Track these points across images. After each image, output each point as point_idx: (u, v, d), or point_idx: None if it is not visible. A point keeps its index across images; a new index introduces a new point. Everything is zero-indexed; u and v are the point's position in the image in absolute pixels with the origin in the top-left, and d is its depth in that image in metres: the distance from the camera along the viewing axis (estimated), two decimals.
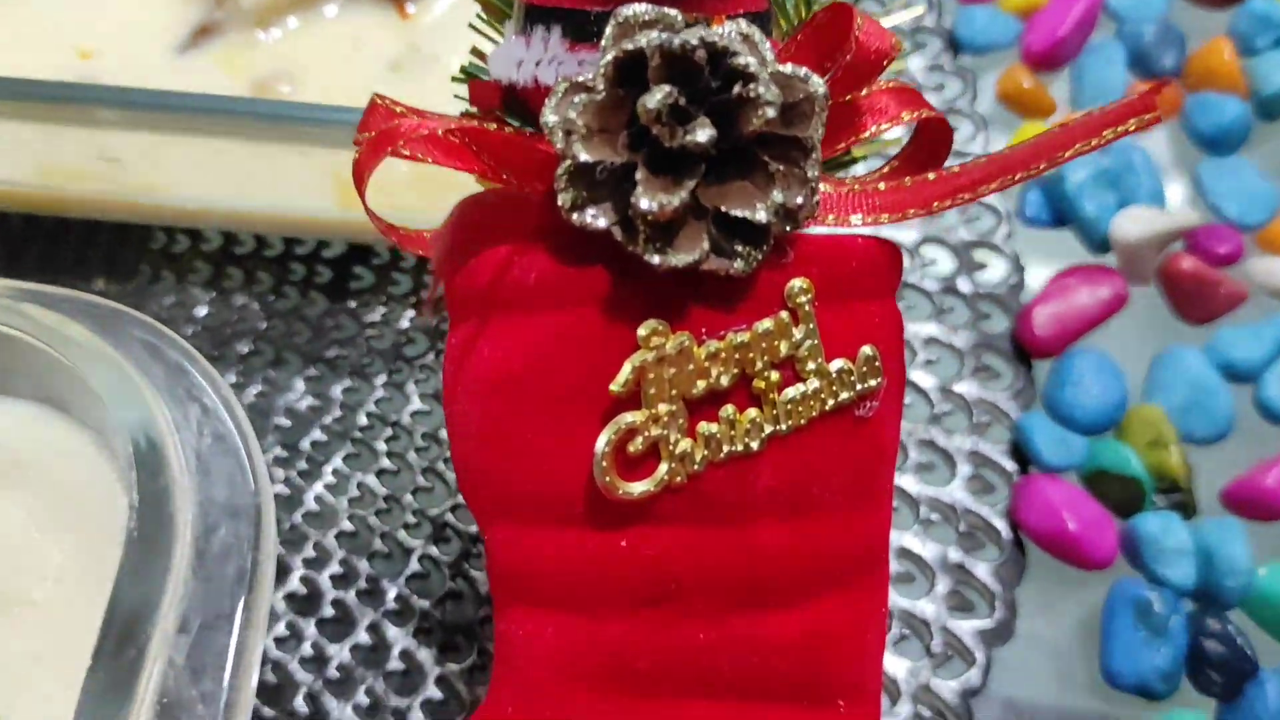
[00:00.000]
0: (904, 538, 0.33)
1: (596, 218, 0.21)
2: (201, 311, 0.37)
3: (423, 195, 0.29)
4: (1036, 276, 0.37)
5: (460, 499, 0.33)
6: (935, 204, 0.22)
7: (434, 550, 0.33)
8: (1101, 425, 0.34)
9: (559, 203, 0.21)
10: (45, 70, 0.34)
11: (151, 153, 0.32)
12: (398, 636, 0.31)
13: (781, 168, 0.22)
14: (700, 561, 0.21)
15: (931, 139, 0.25)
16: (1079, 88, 0.42)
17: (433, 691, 0.30)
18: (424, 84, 0.27)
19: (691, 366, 0.21)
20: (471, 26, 0.28)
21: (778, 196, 0.21)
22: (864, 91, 0.24)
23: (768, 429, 0.22)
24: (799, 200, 0.21)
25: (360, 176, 0.23)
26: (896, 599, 0.32)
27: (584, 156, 0.21)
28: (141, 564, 0.23)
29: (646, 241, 0.21)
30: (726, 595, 0.22)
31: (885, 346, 0.23)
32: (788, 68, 0.22)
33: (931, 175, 0.23)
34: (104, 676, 0.21)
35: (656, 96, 0.21)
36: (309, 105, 0.31)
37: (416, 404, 0.35)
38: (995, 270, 0.37)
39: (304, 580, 0.32)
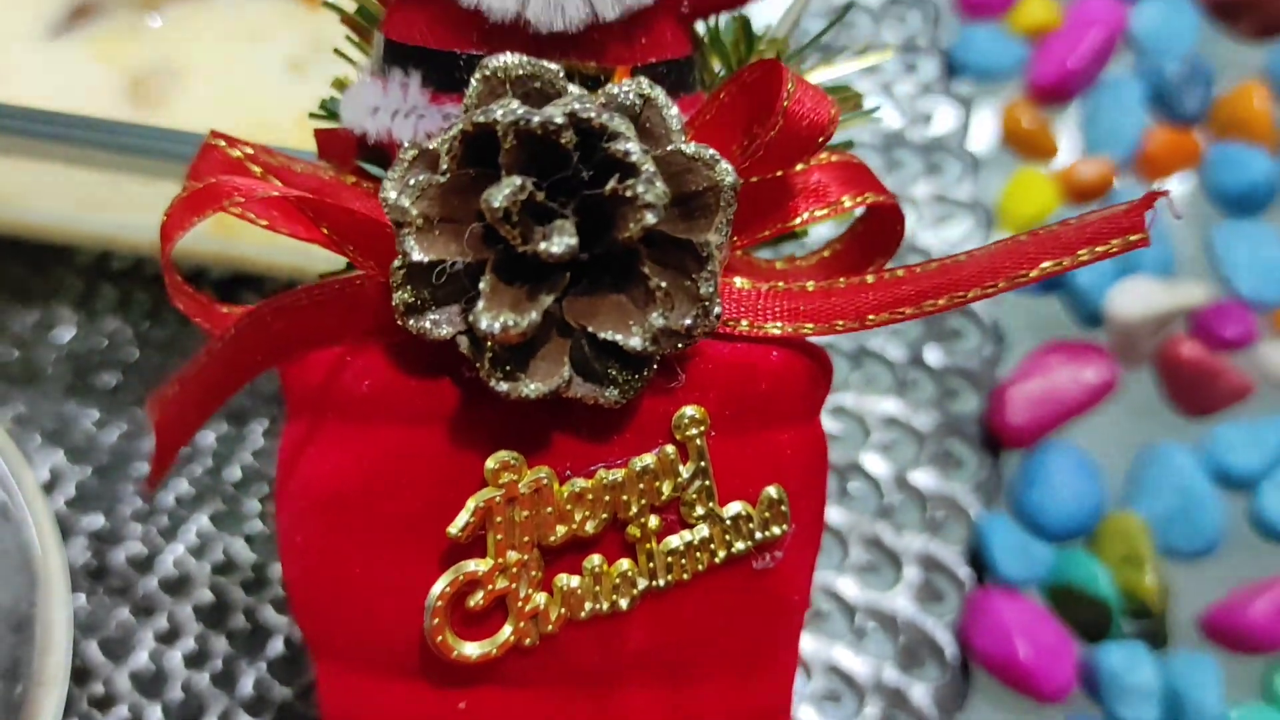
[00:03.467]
0: (834, 649, 0.30)
1: (438, 325, 0.18)
2: (65, 334, 0.33)
3: None
4: (1018, 350, 0.34)
5: None
6: (870, 317, 0.19)
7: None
8: (1071, 533, 0.32)
9: (394, 303, 0.18)
10: None
11: (6, 167, 0.28)
12: None
13: (665, 283, 0.18)
14: None
15: (879, 226, 0.22)
16: (1089, 127, 0.38)
17: None
18: (327, 89, 0.23)
19: (550, 509, 0.19)
20: (338, 52, 0.23)
21: (656, 320, 0.18)
22: (798, 167, 0.20)
23: (641, 584, 0.19)
24: (686, 322, 0.18)
25: (168, 236, 0.19)
26: None
27: (418, 255, 0.18)
28: None
29: (494, 363, 0.18)
30: None
31: (797, 484, 0.20)
32: (691, 148, 0.18)
33: (871, 277, 0.20)
34: None
35: (504, 192, 0.17)
36: (180, 134, 0.27)
37: None
38: (969, 340, 0.34)
39: (152, 657, 0.29)
